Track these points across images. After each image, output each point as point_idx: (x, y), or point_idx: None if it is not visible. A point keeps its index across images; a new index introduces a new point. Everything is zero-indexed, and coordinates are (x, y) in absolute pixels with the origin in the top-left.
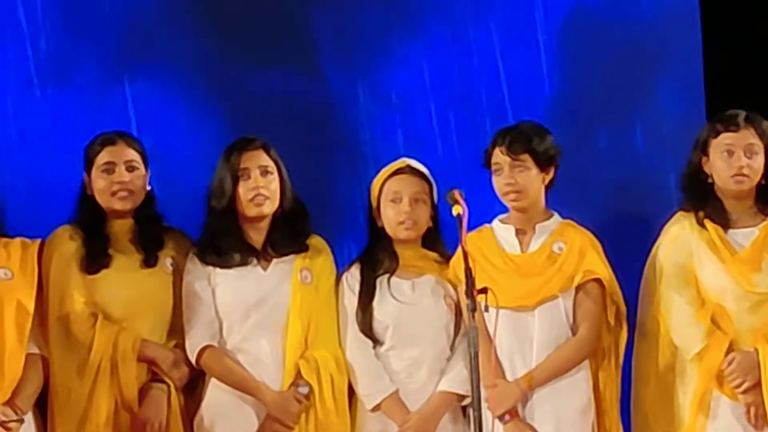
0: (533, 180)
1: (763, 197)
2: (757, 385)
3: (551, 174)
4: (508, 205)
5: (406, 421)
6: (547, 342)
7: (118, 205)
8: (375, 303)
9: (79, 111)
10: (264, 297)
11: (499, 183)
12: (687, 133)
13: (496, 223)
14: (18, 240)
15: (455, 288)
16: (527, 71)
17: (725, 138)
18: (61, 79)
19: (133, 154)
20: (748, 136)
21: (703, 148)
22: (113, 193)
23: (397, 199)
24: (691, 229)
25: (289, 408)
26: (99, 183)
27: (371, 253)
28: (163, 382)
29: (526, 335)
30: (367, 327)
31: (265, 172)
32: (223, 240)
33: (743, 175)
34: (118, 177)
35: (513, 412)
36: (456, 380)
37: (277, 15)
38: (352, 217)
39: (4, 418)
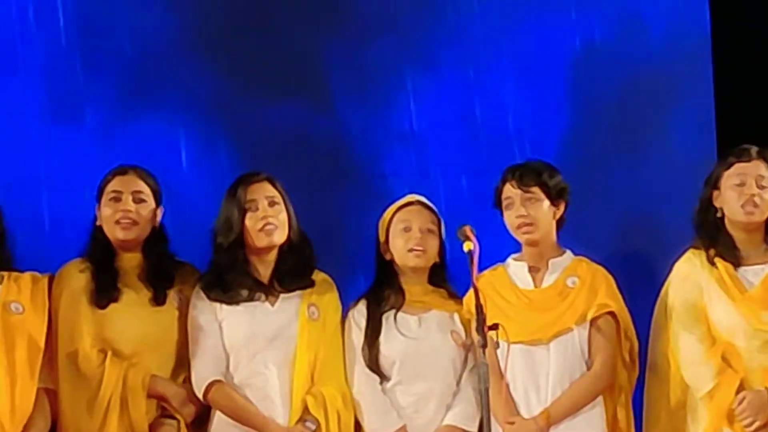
0: (545, 213)
1: None
2: None
3: (562, 209)
4: (520, 239)
5: None
6: (561, 375)
7: (120, 235)
8: (381, 338)
9: (91, 147)
10: (272, 332)
11: (510, 217)
12: (698, 171)
13: (509, 261)
14: (28, 274)
15: (466, 325)
16: (539, 108)
17: (737, 168)
18: (73, 115)
19: (142, 186)
20: (760, 167)
21: (715, 183)
22: (117, 222)
23: (407, 228)
24: (702, 267)
25: None
26: (105, 211)
27: (378, 289)
28: (173, 417)
29: (541, 369)
30: (374, 362)
31: (272, 202)
32: (229, 276)
33: (754, 204)
34: (123, 205)
35: None
36: (461, 415)
37: (289, 50)
38: (363, 253)
39: None
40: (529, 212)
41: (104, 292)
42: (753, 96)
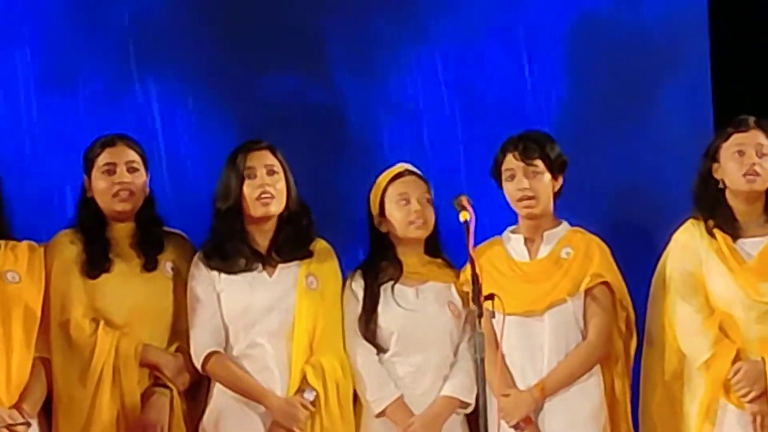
0: (546, 186)
1: None
2: (764, 394)
3: (560, 182)
4: (520, 212)
5: (409, 425)
6: (557, 346)
7: (119, 207)
8: (379, 310)
9: (86, 115)
10: (270, 303)
11: (511, 189)
12: (694, 141)
13: (506, 234)
14: (25, 243)
15: (463, 297)
16: (535, 80)
17: (736, 138)
18: (69, 83)
19: (133, 156)
20: (758, 136)
21: (714, 155)
22: (114, 194)
23: (405, 200)
24: (701, 238)
25: (295, 414)
26: (100, 184)
27: (373, 261)
28: (166, 386)
29: (536, 341)
30: (371, 334)
31: (271, 171)
32: (228, 244)
33: (755, 173)
34: (119, 177)
35: (528, 420)
36: (459, 386)
37: (287, 20)
38: (361, 223)
39: (11, 422)
40: (532, 185)
41: (95, 263)
42: (749, 67)
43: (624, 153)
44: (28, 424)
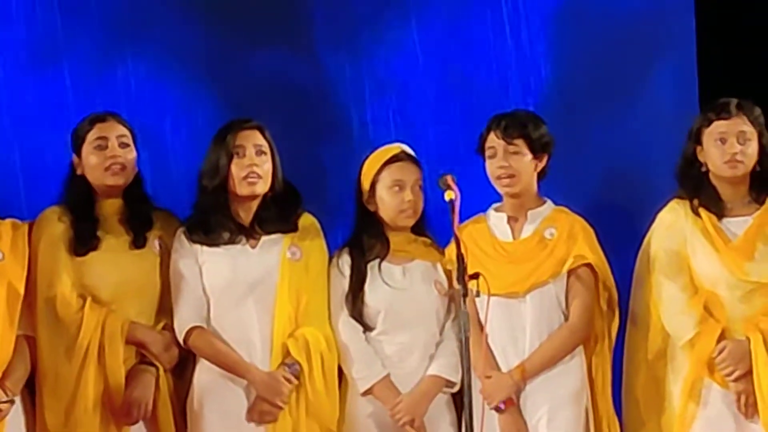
0: (526, 165)
1: (758, 185)
2: (748, 373)
3: (544, 162)
4: (501, 190)
5: (396, 404)
6: (539, 328)
7: (110, 181)
8: (366, 288)
9: (72, 92)
10: (252, 275)
11: (492, 167)
12: (680, 122)
13: (490, 211)
14: (8, 221)
15: (449, 275)
16: (522, 58)
17: (718, 126)
18: (54, 60)
19: (124, 131)
20: (740, 124)
21: (697, 138)
22: (107, 168)
23: (400, 188)
24: (686, 217)
25: (278, 388)
26: (91, 159)
27: (360, 238)
28: (152, 364)
29: (518, 322)
30: (357, 312)
31: (260, 151)
32: (212, 218)
33: (737, 161)
34: (111, 151)
35: (508, 401)
36: (445, 365)
37: None
38: (344, 201)
39: None
40: (511, 164)
41: (83, 241)
42: (735, 48)
43: (609, 133)
44: (12, 402)
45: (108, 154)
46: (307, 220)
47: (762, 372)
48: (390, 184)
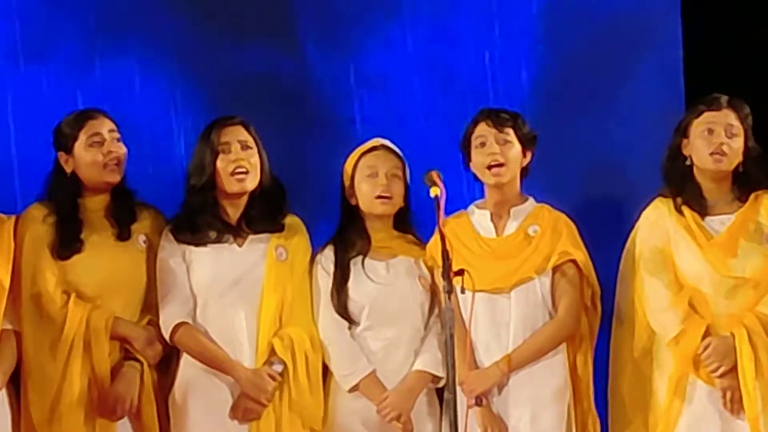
0: (515, 156)
1: (740, 184)
2: (733, 370)
3: (528, 158)
4: (488, 180)
5: (382, 400)
6: (523, 325)
7: (109, 177)
8: (350, 284)
9: (57, 87)
10: (239, 274)
11: (482, 156)
12: (665, 120)
13: (471, 208)
14: None
15: (431, 271)
16: (508, 54)
17: (707, 117)
18: (40, 55)
19: (113, 125)
20: (729, 116)
21: (685, 131)
22: (105, 165)
23: (373, 174)
24: (669, 215)
25: (262, 386)
26: (88, 156)
27: (343, 235)
28: (136, 359)
29: (502, 318)
30: (342, 308)
31: (245, 146)
32: (200, 217)
33: (722, 153)
34: (108, 147)
35: (484, 395)
36: (431, 360)
37: None
38: (331, 197)
39: None
40: (503, 151)
41: (66, 245)
42: (721, 45)
43: (594, 131)
44: None
45: (104, 150)
46: (292, 219)
47: (747, 368)
48: (366, 172)
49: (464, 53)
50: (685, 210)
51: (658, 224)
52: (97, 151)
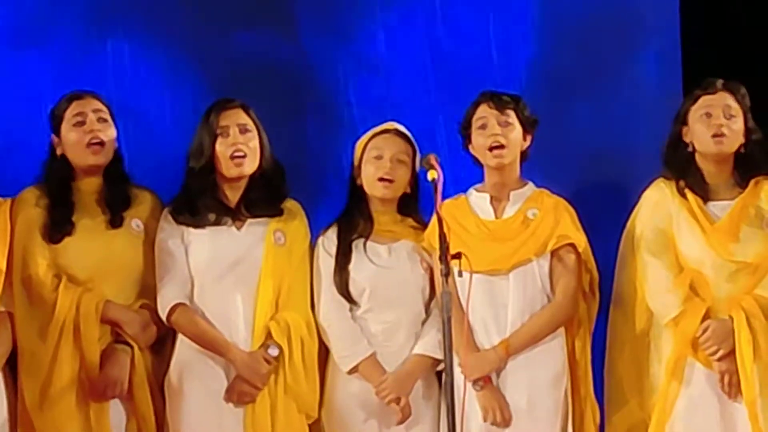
0: (516, 138)
1: (742, 167)
2: (732, 353)
3: (528, 141)
4: (489, 162)
5: (381, 382)
6: (521, 307)
7: (92, 160)
8: (352, 266)
9: (57, 72)
10: (237, 257)
11: (482, 137)
12: (664, 103)
13: (471, 191)
14: None
15: (431, 255)
16: (507, 40)
17: (704, 101)
18: (39, 39)
19: (101, 106)
20: (726, 98)
21: (684, 118)
22: (87, 145)
23: (379, 156)
24: (672, 197)
25: (258, 369)
26: (71, 137)
27: (349, 216)
28: (127, 343)
29: (500, 300)
30: (344, 288)
31: (244, 130)
32: (199, 199)
33: (722, 134)
34: (90, 126)
35: (486, 379)
36: (431, 344)
37: None
38: (328, 181)
39: None
40: (504, 133)
41: (58, 228)
42: (718, 32)
43: (593, 115)
44: None
45: (87, 129)
46: (291, 204)
47: (745, 351)
48: (372, 154)
49: (462, 37)
50: (688, 193)
51: (660, 205)
52: (79, 131)
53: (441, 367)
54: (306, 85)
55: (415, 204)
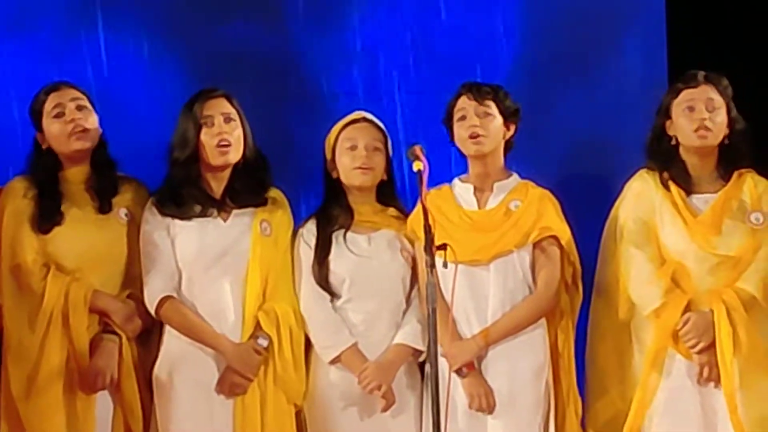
0: (496, 128)
1: (726, 159)
2: (712, 345)
3: (512, 131)
4: (469, 150)
5: (363, 370)
6: (502, 298)
7: (76, 145)
8: (331, 257)
9: (41, 61)
10: (224, 248)
11: (462, 128)
12: (649, 94)
13: (455, 182)
14: None
15: (412, 244)
16: (490, 29)
17: (686, 94)
18: (23, 28)
19: (78, 95)
20: (708, 91)
21: (666, 111)
22: (70, 134)
23: (353, 146)
24: (656, 188)
25: (248, 360)
26: (53, 129)
27: (327, 208)
28: (115, 333)
29: (481, 291)
30: (323, 279)
31: (228, 119)
32: (184, 190)
33: (706, 128)
34: (70, 116)
35: (470, 366)
36: (412, 333)
37: None
38: (311, 171)
39: None
40: (483, 123)
41: (46, 218)
42: (704, 23)
43: (578, 106)
44: None
45: (68, 119)
46: (275, 193)
47: (725, 344)
48: (346, 144)
49: (447, 28)
50: (671, 185)
51: (643, 196)
52: (60, 122)
53: (422, 357)
54: (292, 76)
55: (393, 191)
